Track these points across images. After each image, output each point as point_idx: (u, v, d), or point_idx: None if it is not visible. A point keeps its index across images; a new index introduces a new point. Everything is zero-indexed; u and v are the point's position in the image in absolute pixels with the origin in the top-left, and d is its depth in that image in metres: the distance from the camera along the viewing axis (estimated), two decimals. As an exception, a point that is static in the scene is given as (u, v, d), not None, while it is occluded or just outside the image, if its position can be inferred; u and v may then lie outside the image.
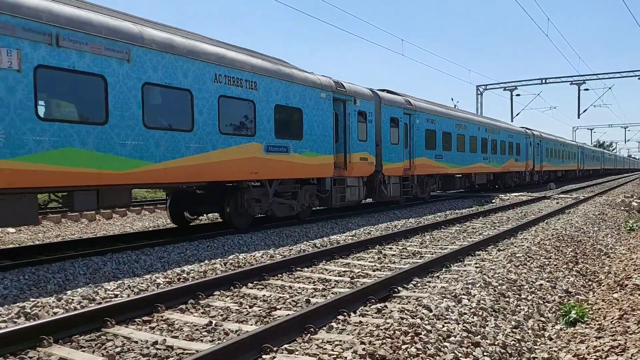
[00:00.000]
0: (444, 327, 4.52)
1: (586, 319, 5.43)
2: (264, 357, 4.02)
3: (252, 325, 4.96)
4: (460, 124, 22.23)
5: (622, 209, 17.90)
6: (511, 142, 29.02)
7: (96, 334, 4.74)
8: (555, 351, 4.64)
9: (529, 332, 5.02)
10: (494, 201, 21.66)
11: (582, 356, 4.31)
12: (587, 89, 41.90)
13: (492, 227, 12.51)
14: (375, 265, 7.92)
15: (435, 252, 8.85)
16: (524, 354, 4.53)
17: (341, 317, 5.03)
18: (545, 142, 36.02)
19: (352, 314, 5.16)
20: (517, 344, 4.62)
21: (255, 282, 6.74)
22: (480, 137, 24.46)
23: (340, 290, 6.27)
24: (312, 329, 4.60)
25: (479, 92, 43.06)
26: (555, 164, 39.32)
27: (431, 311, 4.87)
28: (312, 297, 5.93)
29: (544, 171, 36.80)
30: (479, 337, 4.47)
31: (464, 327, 4.59)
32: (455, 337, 4.35)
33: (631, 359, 4.02)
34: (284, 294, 6.13)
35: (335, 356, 3.93)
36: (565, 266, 7.80)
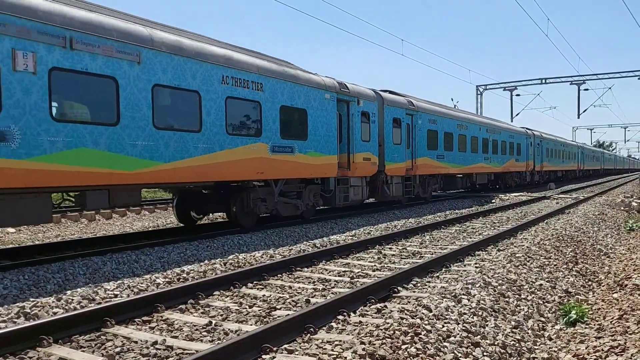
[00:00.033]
0: (443, 327, 4.52)
1: (586, 319, 5.43)
2: (264, 357, 4.02)
3: (251, 325, 4.96)
4: (461, 124, 22.28)
5: (622, 209, 17.90)
6: (512, 143, 29.06)
7: (96, 334, 4.74)
8: (555, 351, 4.64)
9: (528, 332, 5.02)
10: (493, 201, 21.67)
11: (581, 356, 4.31)
12: (587, 89, 41.96)
13: (492, 227, 12.51)
14: (375, 265, 7.92)
15: (435, 252, 8.85)
16: (524, 354, 4.53)
17: (341, 317, 5.03)
18: (545, 142, 36.06)
19: (352, 314, 5.16)
20: (517, 344, 4.62)
21: (255, 282, 6.74)
22: (481, 137, 24.49)
23: (340, 290, 6.27)
24: (312, 329, 4.60)
25: (479, 92, 43.07)
26: (555, 164, 39.33)
27: (431, 311, 4.87)
28: (312, 297, 5.93)
29: (545, 171, 36.83)
30: (479, 337, 4.47)
31: (464, 327, 4.59)
32: (455, 337, 4.35)
33: (631, 359, 4.02)
34: (283, 294, 6.13)
35: (335, 356, 3.93)
36: (565, 266, 7.80)
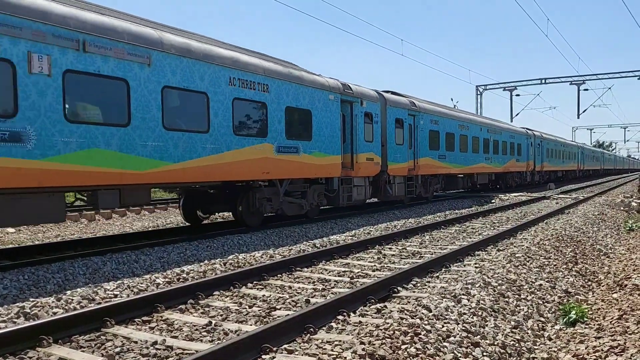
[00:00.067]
0: (443, 327, 4.52)
1: (585, 319, 5.43)
2: (264, 357, 4.02)
3: (251, 325, 4.96)
4: (463, 125, 22.39)
5: (622, 209, 17.91)
6: (512, 143, 29.16)
7: (96, 334, 4.74)
8: (554, 351, 4.65)
9: (528, 332, 5.02)
10: (493, 201, 21.68)
11: (581, 356, 4.31)
12: (587, 89, 41.97)
13: (492, 227, 12.51)
14: (374, 265, 7.93)
15: (434, 252, 8.85)
16: (524, 354, 4.53)
17: (341, 317, 5.04)
18: (545, 142, 36.12)
19: (352, 314, 5.16)
20: (517, 344, 4.62)
21: (254, 282, 6.74)
22: (482, 137, 24.60)
23: (339, 290, 6.27)
24: (312, 329, 4.60)
25: (479, 92, 43.07)
26: (555, 164, 39.39)
27: (431, 311, 4.87)
28: (312, 297, 5.93)
29: (545, 171, 36.90)
30: (479, 337, 4.47)
31: (464, 327, 4.59)
32: (454, 337, 4.35)
33: (630, 359, 4.02)
34: (283, 294, 6.13)
35: (334, 356, 3.93)
36: (564, 266, 7.80)
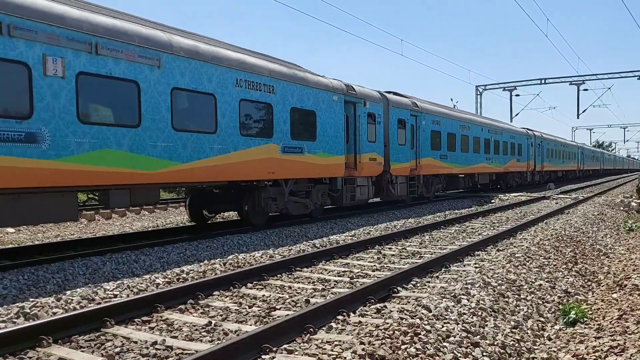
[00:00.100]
0: (443, 327, 4.52)
1: (585, 319, 5.43)
2: (264, 357, 4.02)
3: (251, 325, 4.96)
4: (464, 125, 22.55)
5: (621, 209, 17.91)
6: (513, 143, 29.30)
7: (95, 334, 4.74)
8: (554, 351, 4.65)
9: (528, 332, 5.02)
10: (493, 201, 21.69)
11: (581, 356, 4.31)
12: (587, 89, 41.97)
13: (492, 228, 12.51)
14: (374, 265, 7.93)
15: (434, 253, 8.85)
16: (523, 354, 4.53)
17: (340, 317, 5.04)
18: (546, 142, 36.21)
19: (352, 314, 5.16)
20: (517, 344, 4.62)
21: (254, 282, 6.74)
22: (483, 137, 24.75)
23: (339, 290, 6.27)
24: (312, 329, 4.60)
25: (479, 93, 43.06)
26: (555, 164, 39.48)
27: (430, 311, 4.87)
28: (312, 297, 5.93)
29: (545, 171, 37.00)
30: (478, 337, 4.48)
31: (463, 327, 4.59)
32: (454, 337, 4.35)
33: (630, 359, 4.02)
34: (283, 294, 6.13)
35: (334, 356, 3.93)
36: (564, 266, 7.80)
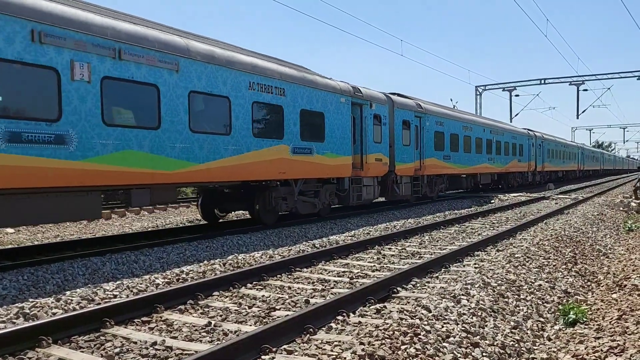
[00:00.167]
0: (443, 327, 4.52)
1: (585, 320, 5.43)
2: (263, 357, 4.02)
3: (251, 325, 4.96)
4: (466, 126, 22.81)
5: (621, 209, 17.91)
6: (514, 144, 29.56)
7: (95, 335, 4.74)
8: (554, 352, 4.65)
9: (528, 333, 5.02)
10: (492, 202, 21.70)
11: (581, 356, 4.31)
12: (586, 90, 41.98)
13: (491, 228, 12.51)
14: (374, 265, 7.93)
15: (434, 253, 8.85)
16: (523, 354, 4.53)
17: (340, 317, 5.04)
18: (546, 143, 36.38)
19: (352, 315, 5.16)
20: (516, 345, 4.62)
21: (254, 282, 6.74)
22: (485, 138, 24.99)
23: (339, 290, 6.27)
24: (311, 330, 4.60)
25: (478, 93, 43.07)
26: (556, 165, 39.61)
27: (430, 311, 4.87)
28: (311, 298, 5.93)
29: (546, 171, 37.19)
30: (478, 337, 4.48)
31: (463, 328, 4.59)
32: (454, 337, 4.35)
33: (630, 359, 4.02)
34: (283, 295, 6.13)
35: (334, 357, 3.93)
36: (564, 267, 7.80)
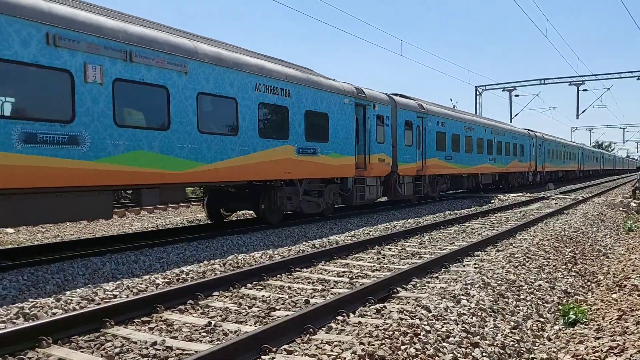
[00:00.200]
0: (443, 327, 4.52)
1: (585, 320, 5.43)
2: (263, 357, 4.02)
3: (251, 325, 4.96)
4: (468, 126, 22.95)
5: (621, 209, 17.91)
6: (515, 144, 29.71)
7: (95, 335, 4.74)
8: (554, 352, 4.65)
9: (527, 333, 5.02)
10: (492, 202, 21.70)
11: (581, 357, 4.31)
12: (586, 90, 42.01)
13: (491, 228, 12.52)
14: (374, 265, 7.93)
15: (434, 253, 8.85)
16: (523, 354, 4.53)
17: (340, 317, 5.04)
18: (547, 143, 36.46)
19: (351, 315, 5.16)
20: (516, 345, 4.62)
21: (254, 282, 6.74)
22: (486, 138, 25.14)
23: (339, 290, 6.27)
24: (311, 330, 4.60)
25: (478, 93, 43.07)
26: (556, 165, 39.69)
27: (430, 312, 4.87)
28: (311, 298, 5.93)
29: (546, 172, 37.29)
30: (478, 337, 4.48)
31: (463, 328, 4.59)
32: (454, 337, 4.35)
33: (630, 359, 4.03)
34: (283, 295, 6.13)
35: (334, 357, 3.93)
36: (564, 267, 7.80)
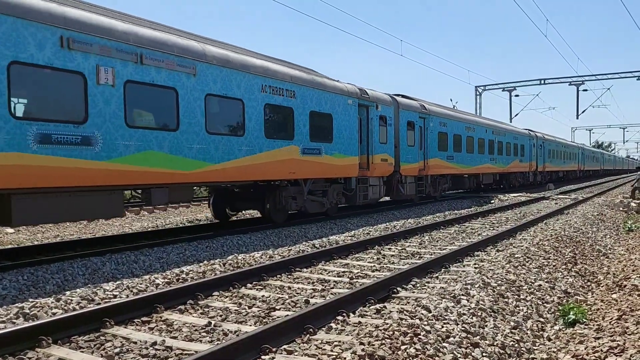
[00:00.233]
0: (443, 327, 4.52)
1: (585, 320, 5.43)
2: (263, 357, 4.02)
3: (251, 325, 4.96)
4: (469, 127, 23.07)
5: (621, 209, 17.91)
6: (516, 144, 29.86)
7: (95, 335, 4.74)
8: (554, 352, 4.65)
9: (527, 333, 5.02)
10: (492, 202, 21.70)
11: (581, 357, 4.31)
12: (586, 90, 42.02)
13: (491, 228, 12.52)
14: (374, 265, 7.93)
15: (434, 253, 8.86)
16: (523, 354, 4.53)
17: (340, 317, 5.04)
18: (547, 143, 36.53)
19: (351, 315, 5.16)
20: (516, 345, 4.62)
21: (254, 282, 6.74)
22: (487, 139, 25.27)
23: (339, 290, 6.27)
24: (311, 330, 4.60)
25: (478, 93, 43.08)
26: (557, 165, 39.76)
27: (430, 312, 4.87)
28: (311, 298, 5.93)
29: (547, 172, 37.34)
30: (478, 337, 4.48)
31: (463, 328, 4.59)
32: (454, 337, 4.35)
33: (630, 359, 4.03)
34: (283, 295, 6.13)
35: (334, 357, 3.93)
36: (564, 267, 7.80)
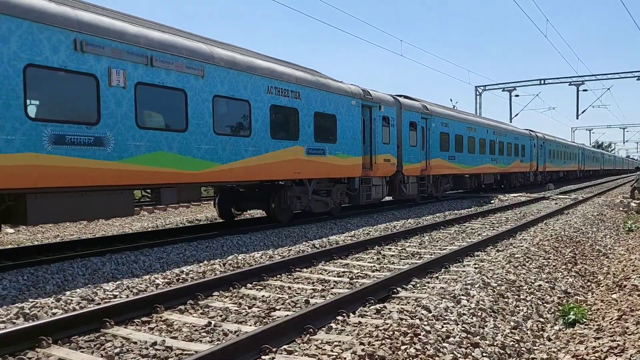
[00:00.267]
0: (443, 327, 4.52)
1: (585, 320, 5.43)
2: (263, 357, 4.03)
3: (251, 325, 4.96)
4: (470, 127, 23.19)
5: (621, 209, 17.91)
6: (517, 144, 29.99)
7: (95, 335, 4.74)
8: (554, 352, 4.65)
9: (527, 333, 5.02)
10: (493, 202, 21.71)
11: (581, 357, 4.31)
12: (586, 90, 42.06)
13: (491, 228, 12.52)
14: (374, 265, 7.93)
15: (434, 253, 8.86)
16: (523, 354, 4.53)
17: (340, 317, 5.04)
18: (548, 143, 36.60)
19: (351, 315, 5.16)
20: (516, 345, 4.62)
21: (254, 282, 6.74)
22: (488, 139, 25.39)
23: (339, 290, 6.28)
24: (311, 330, 4.60)
25: (478, 93, 43.08)
26: (557, 165, 39.82)
27: (430, 312, 4.87)
28: (311, 298, 5.93)
29: (547, 172, 37.42)
30: (478, 337, 4.48)
31: (463, 328, 4.59)
32: (454, 337, 4.35)
33: (630, 359, 4.03)
34: (283, 295, 6.13)
35: (334, 357, 3.93)
36: (564, 267, 7.81)
